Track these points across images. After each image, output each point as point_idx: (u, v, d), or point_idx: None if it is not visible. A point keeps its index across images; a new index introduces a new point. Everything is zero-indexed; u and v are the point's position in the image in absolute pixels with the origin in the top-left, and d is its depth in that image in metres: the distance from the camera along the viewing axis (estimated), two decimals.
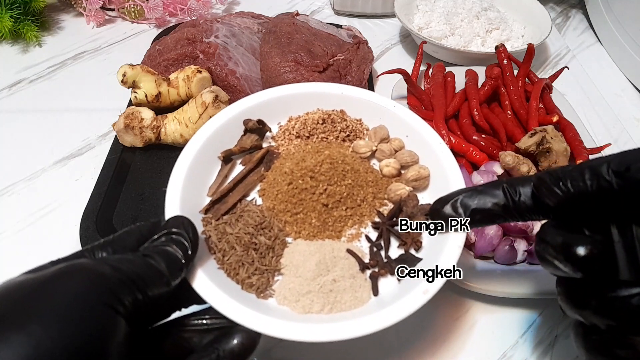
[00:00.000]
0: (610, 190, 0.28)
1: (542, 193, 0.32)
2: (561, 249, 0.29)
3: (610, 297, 0.28)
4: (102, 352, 0.25)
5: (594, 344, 0.30)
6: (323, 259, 0.37)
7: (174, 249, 0.32)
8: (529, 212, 0.33)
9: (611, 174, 0.28)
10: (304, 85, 0.48)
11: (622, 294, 0.27)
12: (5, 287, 0.26)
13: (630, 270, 0.29)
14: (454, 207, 0.36)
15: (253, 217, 0.39)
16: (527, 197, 0.33)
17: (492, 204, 0.34)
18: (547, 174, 0.31)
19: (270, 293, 0.36)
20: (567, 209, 0.31)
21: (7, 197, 0.55)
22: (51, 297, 0.25)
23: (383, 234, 0.40)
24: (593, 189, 0.29)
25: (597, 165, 0.29)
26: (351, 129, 0.46)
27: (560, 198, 0.30)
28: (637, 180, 0.27)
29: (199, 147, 0.42)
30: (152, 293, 0.29)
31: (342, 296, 0.36)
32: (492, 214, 0.34)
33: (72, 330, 0.24)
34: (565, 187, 0.30)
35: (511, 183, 0.34)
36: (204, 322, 0.33)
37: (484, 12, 0.77)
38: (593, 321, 0.29)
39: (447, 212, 0.36)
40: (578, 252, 0.28)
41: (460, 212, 0.35)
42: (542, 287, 0.45)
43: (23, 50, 0.75)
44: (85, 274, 0.27)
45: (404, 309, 0.33)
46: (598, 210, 0.30)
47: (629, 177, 0.27)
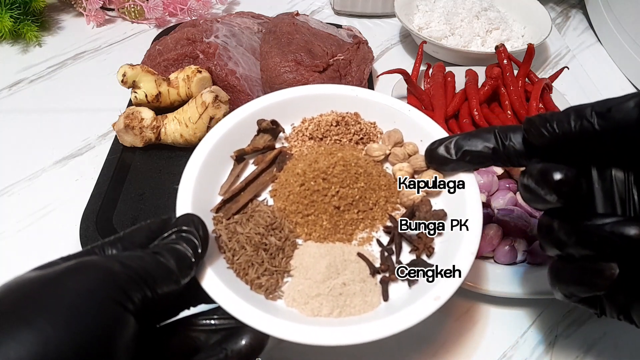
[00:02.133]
0: (592, 131, 0.30)
1: (531, 134, 0.33)
2: (539, 174, 0.31)
3: (586, 225, 0.30)
4: (110, 349, 0.25)
5: (568, 274, 0.32)
6: (333, 262, 0.36)
7: (183, 247, 0.31)
8: (517, 156, 0.36)
9: (594, 115, 0.30)
10: (319, 87, 0.48)
11: (597, 223, 0.29)
12: (15, 283, 0.26)
13: (606, 206, 0.32)
14: (447, 148, 0.38)
15: (264, 218, 0.39)
16: (517, 143, 0.35)
17: (483, 146, 0.37)
18: (537, 116, 0.33)
19: (279, 294, 0.36)
20: (554, 152, 0.33)
21: (7, 197, 0.55)
22: (60, 294, 0.25)
23: (395, 239, 0.39)
24: (576, 130, 0.31)
25: (582, 108, 0.31)
26: (365, 132, 0.45)
27: (546, 139, 0.32)
28: (617, 121, 0.29)
29: (212, 146, 0.42)
30: (161, 291, 0.29)
31: (352, 300, 0.35)
32: (482, 156, 0.37)
33: (80, 327, 0.24)
34: (551, 128, 0.32)
35: (503, 129, 0.36)
36: (212, 322, 0.33)
37: (484, 12, 0.77)
38: (570, 252, 0.31)
39: (440, 153, 0.39)
40: (555, 176, 0.29)
41: (452, 152, 0.38)
42: (542, 287, 0.45)
43: (23, 50, 0.75)
44: (95, 271, 0.27)
45: (414, 316, 0.33)
46: (581, 154, 0.32)
47: (609, 117, 0.29)
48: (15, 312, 0.24)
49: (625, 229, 0.28)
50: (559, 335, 0.45)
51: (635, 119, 0.28)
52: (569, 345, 0.44)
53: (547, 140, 0.32)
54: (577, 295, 0.32)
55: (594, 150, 0.31)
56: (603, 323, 0.46)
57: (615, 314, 0.32)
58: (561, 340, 0.45)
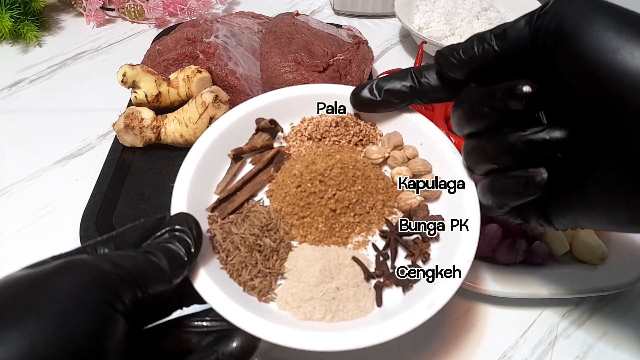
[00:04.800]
0: (493, 52, 0.33)
1: (442, 64, 0.36)
2: (508, 90, 0.32)
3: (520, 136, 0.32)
4: (99, 350, 0.25)
5: (500, 185, 0.34)
6: (327, 266, 0.36)
7: (176, 246, 0.31)
8: (433, 91, 0.39)
9: (492, 37, 0.33)
10: (319, 87, 0.48)
11: (526, 133, 0.32)
12: (3, 282, 0.25)
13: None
14: (370, 90, 0.41)
15: (259, 218, 0.39)
16: (432, 79, 0.38)
17: (401, 85, 0.40)
18: (446, 47, 0.36)
19: (272, 297, 0.36)
20: (466, 82, 0.36)
21: (7, 197, 0.55)
22: (49, 293, 0.25)
23: (391, 244, 0.39)
24: (480, 53, 0.33)
25: (482, 34, 0.33)
26: (364, 134, 0.45)
27: (455, 65, 0.35)
28: (512, 39, 0.32)
29: (210, 143, 0.42)
30: (152, 290, 0.29)
31: (345, 305, 0.35)
32: (402, 93, 0.40)
33: (69, 327, 0.24)
34: (458, 55, 0.34)
35: (418, 69, 0.39)
36: (204, 323, 0.33)
37: (484, 12, 0.77)
38: (502, 164, 0.34)
39: (364, 95, 0.42)
40: (524, 89, 0.31)
41: (375, 93, 0.41)
42: (542, 287, 0.45)
43: (23, 50, 0.75)
44: (85, 270, 0.27)
45: (407, 322, 0.33)
46: (491, 81, 0.33)
47: (505, 37, 0.32)
48: (2, 312, 0.24)
49: (553, 134, 0.31)
50: (559, 335, 0.45)
51: (527, 35, 0.31)
52: (569, 345, 0.44)
53: (456, 67, 0.35)
54: (509, 204, 0.35)
55: (501, 74, 0.33)
56: (603, 323, 0.46)
57: (537, 220, 0.35)
58: (561, 340, 0.45)
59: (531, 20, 0.31)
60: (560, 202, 0.33)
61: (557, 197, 0.33)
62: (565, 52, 0.29)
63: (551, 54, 0.30)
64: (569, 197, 0.32)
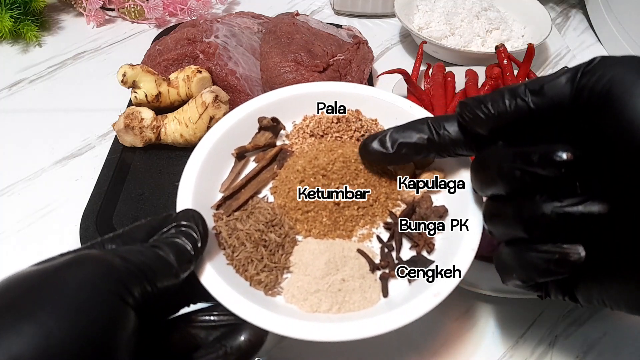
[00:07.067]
0: (527, 110, 0.30)
1: (465, 116, 0.33)
2: (545, 154, 0.28)
3: (552, 207, 0.28)
4: (111, 342, 0.25)
5: (527, 259, 0.31)
6: (333, 258, 0.37)
7: (183, 241, 0.32)
8: (452, 145, 0.35)
9: (527, 93, 0.30)
10: (320, 85, 0.48)
11: (559, 204, 0.28)
12: (14, 278, 0.26)
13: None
14: (382, 142, 0.38)
15: (264, 214, 0.39)
16: (452, 131, 0.35)
17: (417, 138, 0.36)
18: (470, 98, 0.33)
19: (279, 290, 0.36)
20: (491, 138, 0.32)
21: (7, 197, 0.55)
22: (61, 287, 0.25)
23: (395, 235, 0.39)
24: (512, 109, 0.30)
25: (515, 87, 0.30)
26: (366, 129, 0.45)
27: (481, 120, 0.32)
28: (551, 97, 0.29)
29: (213, 143, 0.42)
30: (160, 284, 0.29)
31: (351, 296, 0.35)
32: (417, 147, 0.36)
33: (83, 319, 0.24)
34: (486, 108, 0.31)
35: (436, 119, 0.36)
36: (211, 318, 0.33)
37: (484, 12, 0.77)
38: (531, 235, 0.30)
39: (375, 148, 0.38)
40: (564, 156, 0.28)
41: (387, 146, 0.37)
42: None
43: (23, 50, 0.75)
44: (95, 264, 0.27)
45: (413, 312, 0.33)
46: (520, 137, 0.31)
47: (543, 94, 0.29)
48: (16, 306, 0.24)
49: (592, 207, 0.27)
50: (559, 335, 0.45)
51: (568, 94, 0.28)
52: (569, 345, 0.44)
53: (482, 122, 0.32)
54: (535, 280, 0.31)
55: (533, 132, 0.30)
56: (603, 323, 0.46)
57: (560, 295, 0.32)
58: (561, 340, 0.45)
59: (574, 78, 0.28)
60: (590, 280, 0.30)
61: (587, 274, 0.30)
62: (613, 118, 0.26)
63: (594, 117, 0.27)
64: (602, 277, 0.29)
